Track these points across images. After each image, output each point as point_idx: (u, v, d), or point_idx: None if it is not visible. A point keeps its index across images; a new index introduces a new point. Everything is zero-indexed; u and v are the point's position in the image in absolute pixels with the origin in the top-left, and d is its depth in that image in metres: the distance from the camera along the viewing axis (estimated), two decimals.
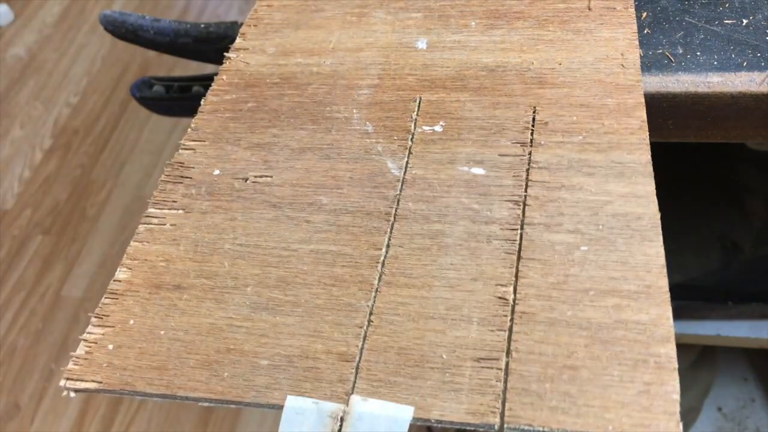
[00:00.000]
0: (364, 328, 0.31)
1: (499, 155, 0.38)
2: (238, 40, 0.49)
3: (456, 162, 0.38)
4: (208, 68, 0.77)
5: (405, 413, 0.28)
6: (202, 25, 0.65)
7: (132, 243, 0.37)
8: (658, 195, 0.34)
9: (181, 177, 0.40)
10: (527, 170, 0.37)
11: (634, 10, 0.45)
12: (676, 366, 0.29)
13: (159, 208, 0.38)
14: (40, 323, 1.25)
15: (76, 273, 1.32)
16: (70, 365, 0.32)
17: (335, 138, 0.41)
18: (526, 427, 0.28)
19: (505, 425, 0.28)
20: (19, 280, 1.32)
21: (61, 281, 1.31)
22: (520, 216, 0.35)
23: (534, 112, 0.40)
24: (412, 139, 0.40)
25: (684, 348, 0.85)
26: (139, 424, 1.11)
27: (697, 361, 0.88)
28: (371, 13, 0.49)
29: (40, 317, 1.26)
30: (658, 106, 0.44)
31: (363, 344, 0.31)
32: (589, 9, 0.46)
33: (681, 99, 0.44)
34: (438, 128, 0.40)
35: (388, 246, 0.35)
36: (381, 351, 0.31)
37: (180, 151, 0.42)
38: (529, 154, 0.38)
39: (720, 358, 0.91)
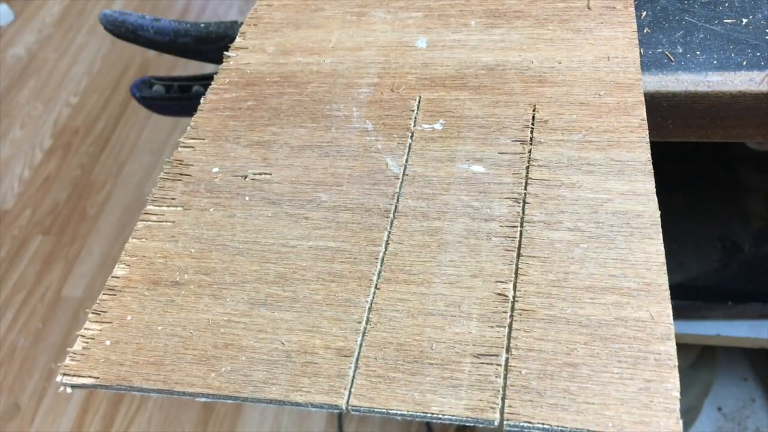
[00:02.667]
0: (363, 323, 0.31)
1: (498, 153, 0.38)
2: (238, 39, 0.49)
3: (456, 160, 0.38)
4: (208, 68, 0.77)
5: None
6: (202, 25, 0.65)
7: (130, 240, 0.37)
8: (657, 195, 0.34)
9: (181, 174, 0.40)
10: (527, 168, 0.37)
11: (633, 9, 0.45)
12: (676, 363, 0.28)
13: (158, 205, 0.38)
14: (40, 323, 1.25)
15: (76, 273, 1.32)
16: (67, 361, 0.32)
17: (335, 136, 0.40)
18: (526, 424, 0.27)
19: (505, 422, 0.28)
20: (19, 280, 1.32)
21: (61, 281, 1.31)
22: (520, 213, 0.35)
23: (534, 111, 0.40)
24: (411, 137, 0.40)
25: (684, 348, 0.85)
26: (139, 424, 1.11)
27: (697, 361, 0.88)
28: (371, 12, 0.49)
29: (40, 317, 1.26)
30: (658, 106, 0.44)
31: (362, 340, 0.31)
32: (589, 8, 0.46)
33: (681, 98, 0.44)
34: (438, 126, 0.40)
35: (387, 243, 0.35)
36: (380, 347, 0.30)
37: (179, 148, 0.41)
38: (529, 152, 0.38)
39: (720, 358, 0.91)
